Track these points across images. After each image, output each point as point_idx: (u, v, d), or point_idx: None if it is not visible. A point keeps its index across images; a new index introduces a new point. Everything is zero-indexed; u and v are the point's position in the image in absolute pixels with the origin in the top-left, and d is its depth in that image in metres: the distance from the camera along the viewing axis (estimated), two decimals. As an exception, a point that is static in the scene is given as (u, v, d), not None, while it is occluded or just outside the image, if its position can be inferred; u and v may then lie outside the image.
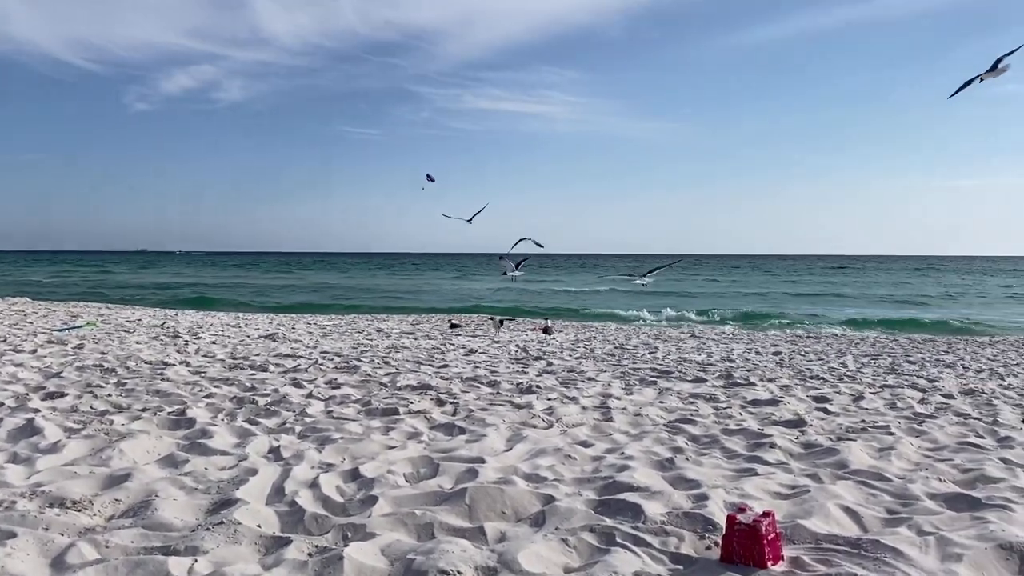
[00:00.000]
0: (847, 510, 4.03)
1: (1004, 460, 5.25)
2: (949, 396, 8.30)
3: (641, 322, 26.94)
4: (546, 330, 17.75)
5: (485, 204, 17.24)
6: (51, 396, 6.94)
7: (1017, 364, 12.42)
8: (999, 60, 7.64)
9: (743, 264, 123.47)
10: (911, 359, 12.95)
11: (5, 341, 11.69)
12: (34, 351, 10.39)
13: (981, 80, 7.68)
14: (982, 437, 6.08)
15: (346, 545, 3.43)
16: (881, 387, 8.95)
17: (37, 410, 6.23)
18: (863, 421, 6.67)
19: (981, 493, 4.35)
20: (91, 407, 6.52)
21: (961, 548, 3.43)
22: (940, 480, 4.72)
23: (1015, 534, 3.56)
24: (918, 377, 10.08)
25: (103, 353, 10.34)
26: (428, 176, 17.46)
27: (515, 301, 37.02)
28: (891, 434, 6.08)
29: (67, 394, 7.02)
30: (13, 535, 3.45)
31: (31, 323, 15.78)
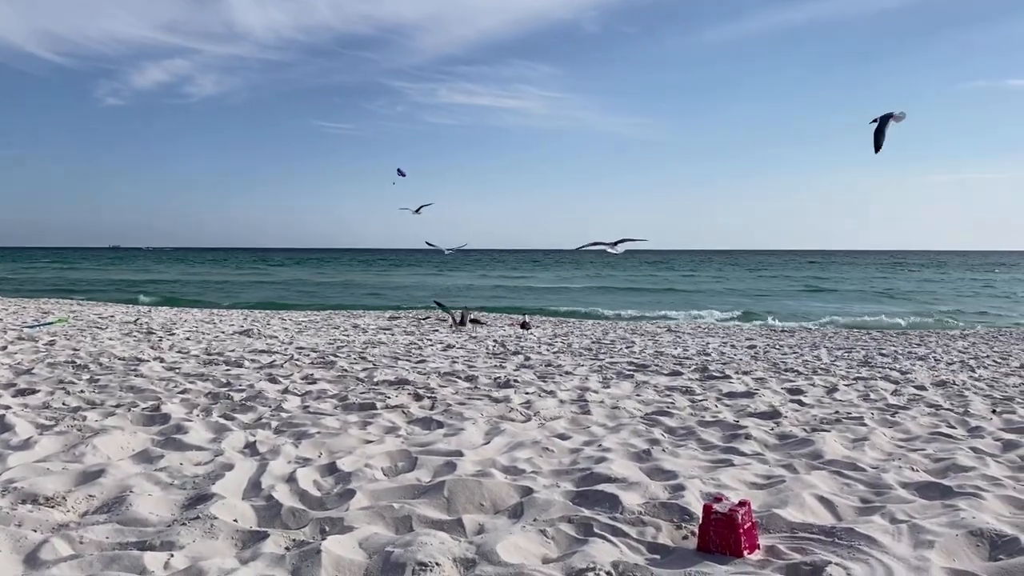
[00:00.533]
0: (822, 499, 4.08)
1: (975, 449, 5.33)
2: (921, 388, 8.42)
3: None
4: (524, 325, 17.78)
5: (431, 202, 17.40)
6: (22, 393, 6.84)
7: (987, 356, 12.62)
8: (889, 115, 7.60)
9: (737, 260, 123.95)
10: (884, 352, 13.11)
11: (-26, 338, 11.49)
12: (4, 348, 10.23)
13: (895, 120, 7.62)
14: (953, 427, 6.17)
15: (324, 539, 3.41)
16: (855, 379, 9.05)
17: (8, 407, 6.13)
18: (837, 412, 6.75)
19: (952, 482, 4.42)
20: (63, 403, 6.43)
21: (933, 535, 3.47)
22: (913, 469, 4.79)
23: (985, 521, 3.62)
24: (891, 369, 10.21)
25: (75, 350, 10.21)
26: (399, 171, 17.43)
27: (499, 298, 37.10)
28: (865, 425, 6.15)
29: (39, 391, 6.93)
30: (-16, 532, 3.40)
31: (0, 320, 15.54)
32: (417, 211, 17.35)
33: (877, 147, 7.32)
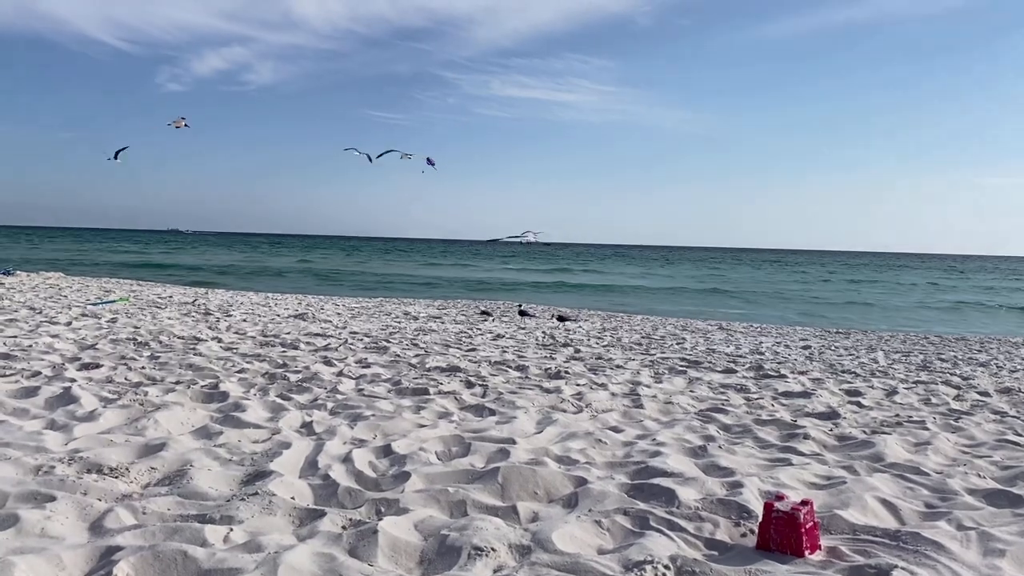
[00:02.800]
0: (885, 502, 3.97)
1: (1044, 458, 5.15)
2: (985, 394, 8.16)
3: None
4: (522, 313, 17.90)
5: (392, 149, 16.64)
6: (86, 367, 7.02)
7: (1053, 365, 12.20)
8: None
9: (787, 258, 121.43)
10: (943, 357, 12.76)
11: (41, 313, 11.86)
12: (69, 323, 10.53)
13: None
14: (1020, 435, 5.96)
15: (380, 519, 3.43)
16: (914, 383, 8.82)
17: (73, 380, 6.31)
18: (897, 416, 6.58)
19: (1022, 490, 4.27)
20: (126, 378, 6.59)
21: (1003, 544, 3.36)
22: (979, 476, 4.63)
23: (1059, 532, 3.49)
24: (951, 374, 9.93)
25: (136, 327, 10.45)
26: (428, 160, 17.37)
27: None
28: (927, 429, 5.98)
29: (102, 365, 7.11)
30: (52, 498, 3.49)
31: (65, 296, 16.00)
32: (372, 160, 16.56)
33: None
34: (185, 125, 16.90)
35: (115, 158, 16.74)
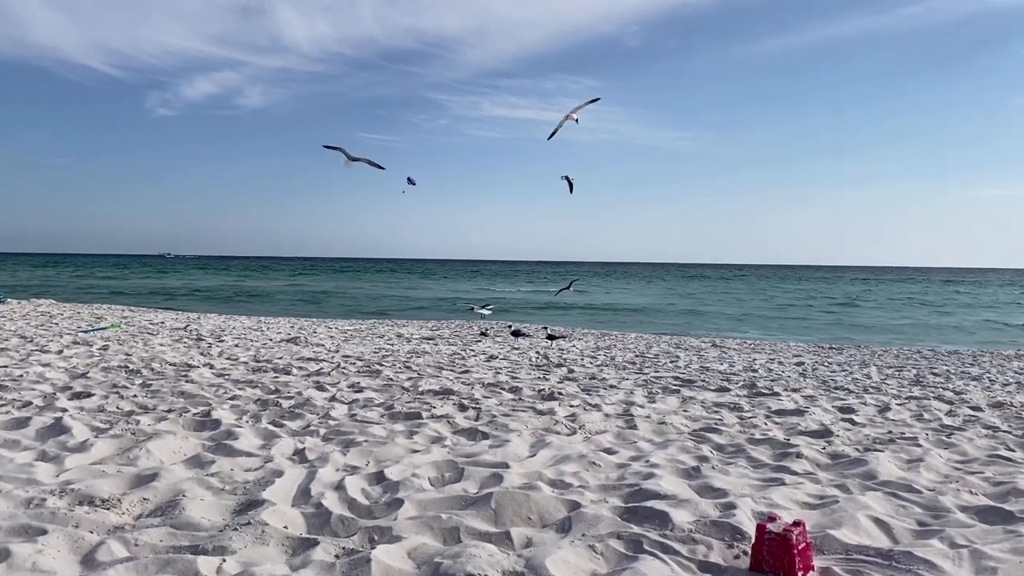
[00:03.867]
0: (877, 521, 3.98)
1: (1036, 474, 5.16)
2: (977, 408, 8.19)
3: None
4: (515, 333, 18.04)
5: (370, 157, 16.33)
6: (78, 396, 7.00)
7: (1045, 378, 12.24)
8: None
9: (786, 275, 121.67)
10: (936, 371, 12.80)
11: (32, 341, 11.82)
12: (60, 351, 10.50)
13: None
14: (1012, 450, 5.99)
15: (373, 548, 3.43)
16: (907, 398, 8.85)
17: (65, 409, 6.29)
18: (890, 432, 6.60)
19: (1014, 507, 4.28)
20: (117, 407, 6.57)
21: (995, 561, 3.37)
22: (971, 493, 4.65)
23: (1051, 548, 3.50)
24: (944, 389, 9.96)
25: (128, 354, 10.42)
26: (409, 179, 17.34)
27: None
28: (919, 446, 6.00)
29: (94, 394, 7.08)
30: (43, 532, 3.48)
31: (57, 324, 15.95)
32: (351, 159, 16.01)
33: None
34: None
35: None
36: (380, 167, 15.05)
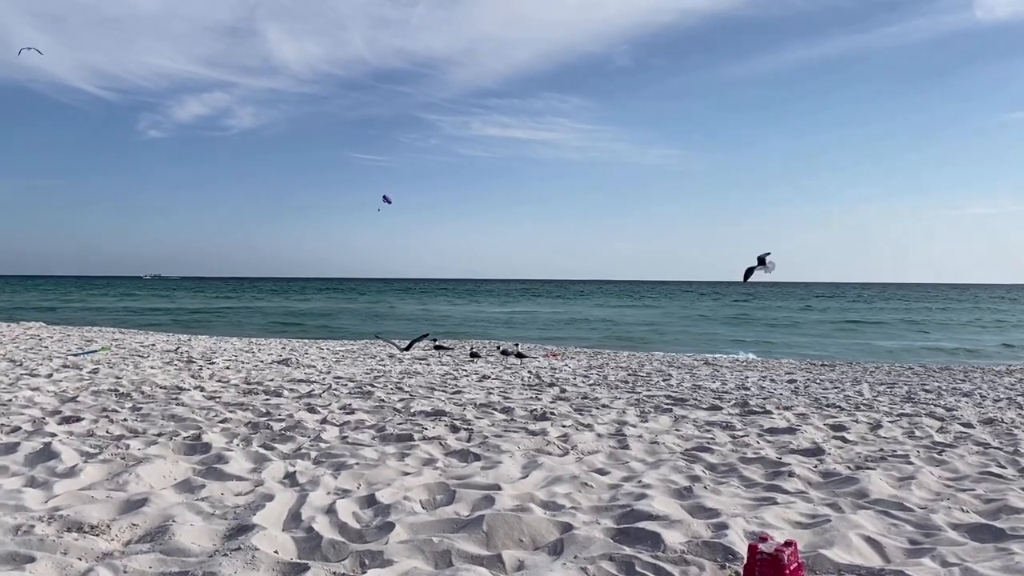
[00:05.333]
0: (869, 540, 3.99)
1: (1027, 490, 5.18)
2: (968, 425, 8.22)
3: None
4: (505, 352, 17.57)
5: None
6: (67, 420, 6.96)
7: (1035, 393, 12.29)
8: (764, 256, 9.04)
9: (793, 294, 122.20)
10: (927, 387, 12.85)
11: (21, 365, 11.75)
12: (50, 375, 10.44)
13: (766, 270, 9.02)
14: (1004, 467, 6.00)
15: (364, 572, 3.42)
16: (898, 416, 8.87)
17: (54, 434, 6.25)
18: (882, 450, 6.61)
19: (1005, 524, 4.29)
20: (107, 432, 6.54)
21: (987, 580, 3.37)
22: (963, 510, 4.66)
23: (1042, 566, 3.51)
24: (935, 406, 9.99)
25: (118, 378, 10.37)
26: (385, 197, 17.52)
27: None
28: (911, 463, 6.01)
29: (83, 418, 7.05)
30: (32, 559, 3.45)
31: (46, 347, 15.87)
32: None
33: (745, 279, 9.19)
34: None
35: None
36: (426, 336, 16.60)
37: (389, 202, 17.45)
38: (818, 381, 13.67)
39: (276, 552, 3.71)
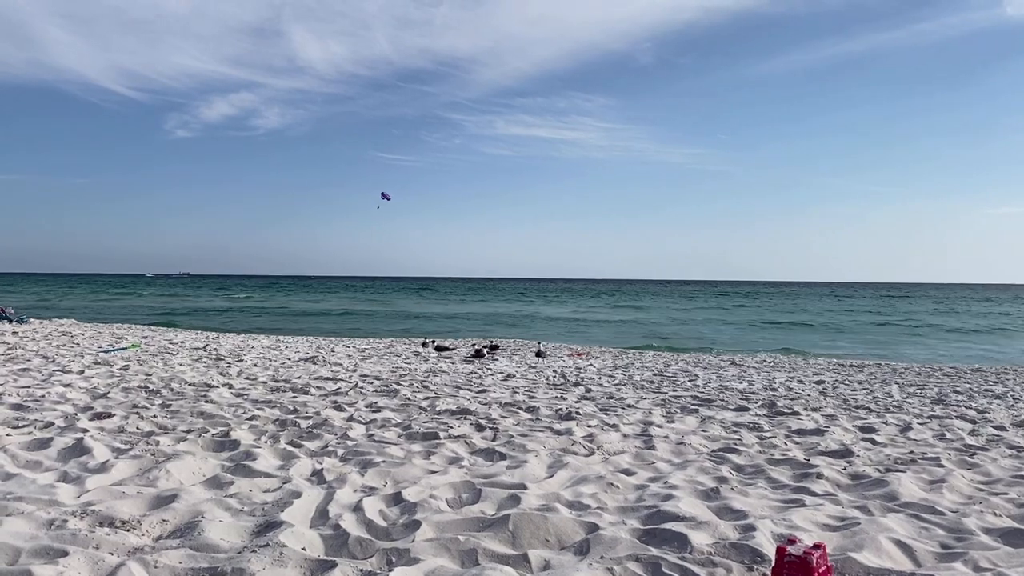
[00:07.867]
0: (899, 543, 3.94)
1: (1062, 495, 5.09)
2: (1001, 428, 8.09)
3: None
4: (478, 354, 17.24)
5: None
6: (99, 416, 7.05)
7: (1070, 396, 12.07)
8: None
9: (810, 293, 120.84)
10: (958, 389, 12.66)
11: (54, 362, 11.94)
12: (81, 372, 10.59)
13: None
14: (1037, 471, 5.90)
15: (391, 570, 3.43)
16: (929, 417, 8.75)
17: (86, 430, 6.35)
18: (912, 452, 6.52)
19: (1039, 529, 4.22)
20: (138, 428, 6.62)
21: (1021, 586, 3.32)
22: (995, 515, 4.59)
23: (1077, 572, 3.45)
24: (967, 408, 9.85)
25: (148, 375, 10.51)
26: (383, 195, 17.61)
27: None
28: (942, 466, 5.93)
29: (114, 415, 7.14)
30: (65, 553, 3.50)
31: (78, 344, 16.10)
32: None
33: None
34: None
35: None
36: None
37: (388, 199, 17.60)
38: (847, 382, 13.52)
39: (304, 549, 3.73)
